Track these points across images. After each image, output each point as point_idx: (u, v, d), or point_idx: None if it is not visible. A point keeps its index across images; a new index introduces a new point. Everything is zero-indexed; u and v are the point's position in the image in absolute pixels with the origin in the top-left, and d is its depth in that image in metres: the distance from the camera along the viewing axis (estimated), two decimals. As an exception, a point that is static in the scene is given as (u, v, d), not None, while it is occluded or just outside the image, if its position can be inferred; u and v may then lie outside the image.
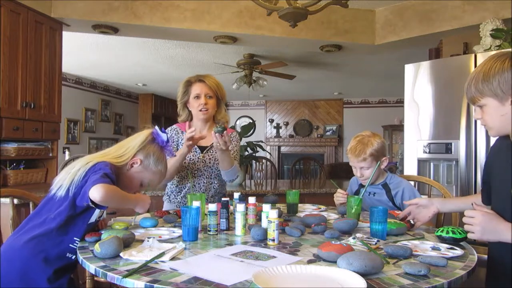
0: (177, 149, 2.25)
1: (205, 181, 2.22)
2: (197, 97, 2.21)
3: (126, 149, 1.62)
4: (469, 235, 1.27)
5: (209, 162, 2.22)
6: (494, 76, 1.22)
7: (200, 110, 2.20)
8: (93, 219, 1.50)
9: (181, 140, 2.25)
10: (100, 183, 1.36)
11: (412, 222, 1.70)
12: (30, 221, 1.46)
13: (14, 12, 3.14)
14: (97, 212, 1.51)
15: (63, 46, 3.73)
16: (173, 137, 2.27)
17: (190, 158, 2.20)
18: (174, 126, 2.33)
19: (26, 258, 1.37)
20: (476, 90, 1.27)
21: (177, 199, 2.24)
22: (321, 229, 1.55)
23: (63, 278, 1.43)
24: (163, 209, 2.26)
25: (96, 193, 1.34)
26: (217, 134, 1.97)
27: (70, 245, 1.44)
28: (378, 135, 2.07)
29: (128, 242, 1.34)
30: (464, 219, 1.27)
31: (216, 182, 2.25)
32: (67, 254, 1.43)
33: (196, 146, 2.22)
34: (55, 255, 1.40)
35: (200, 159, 2.21)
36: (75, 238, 1.45)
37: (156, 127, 1.70)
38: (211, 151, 2.24)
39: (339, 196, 2.03)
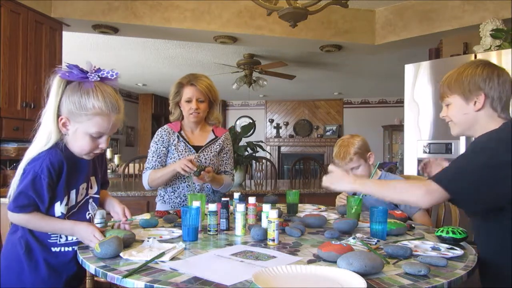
0: (168, 150, 2.22)
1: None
2: (188, 101, 2.19)
3: (46, 122, 1.33)
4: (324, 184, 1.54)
5: (205, 162, 2.21)
6: (466, 77, 1.39)
7: (191, 114, 2.19)
8: (58, 213, 1.34)
9: (172, 141, 2.22)
10: (13, 211, 1.28)
11: (413, 225, 1.70)
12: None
13: (14, 12, 3.14)
14: (60, 207, 1.35)
15: (63, 46, 3.73)
16: (163, 138, 2.22)
17: (184, 158, 2.19)
18: (165, 126, 2.28)
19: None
20: (447, 87, 1.44)
21: (171, 199, 2.23)
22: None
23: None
24: (156, 209, 2.25)
25: (11, 218, 1.31)
26: (194, 177, 2.04)
27: (49, 240, 1.37)
28: (357, 135, 2.15)
29: (128, 242, 1.33)
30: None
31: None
32: (52, 249, 1.37)
33: (190, 146, 2.22)
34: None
35: (195, 159, 2.20)
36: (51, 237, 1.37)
37: (57, 69, 1.34)
38: (206, 151, 2.24)
39: (342, 198, 2.05)
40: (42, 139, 1.33)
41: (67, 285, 1.40)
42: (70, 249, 1.40)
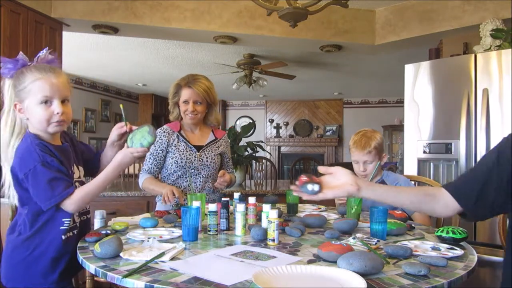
0: (167, 151, 2.21)
1: (201, 180, 2.23)
2: (186, 102, 2.19)
3: (6, 114, 1.39)
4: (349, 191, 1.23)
5: (206, 161, 2.23)
6: None
7: (187, 115, 2.19)
8: None
9: (172, 141, 2.21)
10: (63, 197, 1.31)
11: (413, 225, 1.70)
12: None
13: (14, 12, 3.14)
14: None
15: (63, 46, 3.73)
16: (162, 139, 2.20)
17: (187, 158, 2.19)
18: (165, 126, 2.28)
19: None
20: None
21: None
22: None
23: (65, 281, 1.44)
24: (156, 209, 2.25)
25: (71, 208, 1.35)
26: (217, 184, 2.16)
27: (61, 227, 1.41)
28: (377, 131, 2.15)
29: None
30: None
31: (210, 181, 2.26)
32: (62, 237, 1.41)
33: (191, 146, 2.23)
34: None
35: (197, 158, 2.21)
36: (63, 220, 1.41)
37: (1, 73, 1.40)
38: (207, 150, 2.25)
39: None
40: (8, 137, 1.38)
41: (62, 275, 1.42)
42: (76, 232, 1.46)
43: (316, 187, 1.19)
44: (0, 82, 1.40)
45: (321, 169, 1.28)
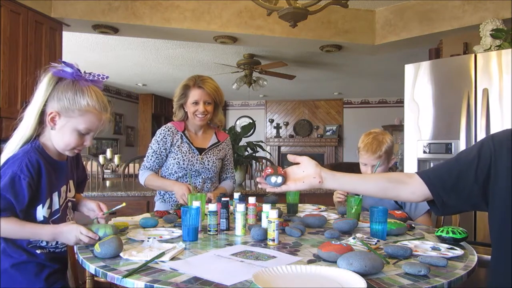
0: (171, 149, 2.21)
1: (200, 181, 2.23)
2: (195, 103, 2.17)
3: (29, 115, 1.34)
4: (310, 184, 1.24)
5: (208, 164, 2.23)
6: None
7: (197, 116, 2.18)
8: (40, 217, 1.33)
9: (176, 141, 2.21)
10: None
11: (413, 225, 1.70)
12: None
13: (14, 12, 3.14)
14: (42, 210, 1.33)
15: (63, 46, 3.73)
16: (166, 138, 2.20)
17: (189, 160, 2.20)
18: (169, 125, 2.26)
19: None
20: None
21: (172, 198, 2.24)
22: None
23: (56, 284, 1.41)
24: (155, 209, 2.25)
25: None
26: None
27: (29, 245, 1.34)
28: (388, 133, 2.10)
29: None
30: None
31: (208, 182, 2.27)
32: (37, 251, 1.36)
33: (194, 148, 2.23)
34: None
35: (199, 161, 2.21)
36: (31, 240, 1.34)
37: (50, 67, 1.35)
38: (209, 153, 2.25)
39: (341, 193, 2.04)
40: (20, 133, 1.35)
41: (49, 281, 1.39)
42: (55, 250, 1.41)
43: (279, 179, 1.23)
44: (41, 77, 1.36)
45: (290, 157, 1.30)
